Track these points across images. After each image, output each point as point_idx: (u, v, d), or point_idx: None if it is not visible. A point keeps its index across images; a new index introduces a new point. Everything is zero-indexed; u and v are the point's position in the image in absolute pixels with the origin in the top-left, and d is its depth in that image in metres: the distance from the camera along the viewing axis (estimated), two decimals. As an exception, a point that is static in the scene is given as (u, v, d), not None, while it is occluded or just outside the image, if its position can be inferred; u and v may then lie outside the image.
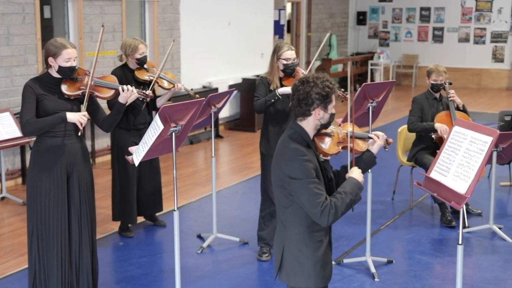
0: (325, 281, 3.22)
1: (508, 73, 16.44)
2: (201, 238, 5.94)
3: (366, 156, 3.39)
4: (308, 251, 3.15)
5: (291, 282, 3.21)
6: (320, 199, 2.99)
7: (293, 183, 3.03)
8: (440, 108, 6.47)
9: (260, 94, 5.25)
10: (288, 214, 3.15)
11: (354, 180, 3.17)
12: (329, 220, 3.02)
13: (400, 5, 17.62)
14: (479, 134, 3.39)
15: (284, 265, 3.20)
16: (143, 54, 5.78)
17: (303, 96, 3.09)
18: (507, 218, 6.51)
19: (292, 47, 5.32)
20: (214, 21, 11.14)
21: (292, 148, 3.06)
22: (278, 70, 5.28)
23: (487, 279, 5.05)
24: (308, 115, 3.12)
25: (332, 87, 3.12)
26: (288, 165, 3.04)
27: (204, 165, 9.01)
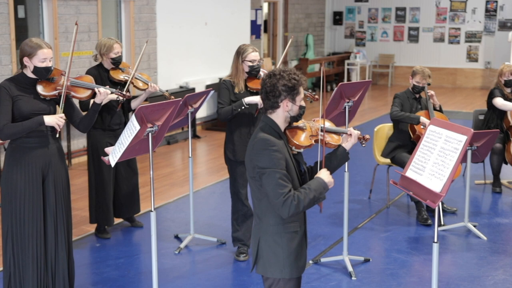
0: (299, 271, 3.29)
1: (482, 73, 16.63)
2: (179, 239, 5.93)
3: (339, 151, 3.46)
4: (282, 242, 3.21)
5: (267, 273, 3.26)
6: (283, 190, 3.06)
7: (261, 173, 3.10)
8: (418, 108, 6.53)
9: (224, 101, 5.19)
10: (262, 206, 3.22)
11: (320, 179, 3.24)
12: (290, 212, 3.08)
13: (376, 5, 17.74)
14: (454, 133, 3.42)
15: (260, 256, 3.27)
16: (118, 54, 5.74)
17: (270, 88, 3.19)
18: (481, 216, 6.59)
19: (256, 48, 5.31)
20: (190, 21, 11.12)
21: (261, 139, 3.15)
22: (243, 72, 5.25)
23: (463, 276, 5.11)
24: (276, 107, 3.21)
25: (298, 79, 3.22)
26: (257, 155, 3.13)
27: (181, 165, 8.98)
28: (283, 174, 3.09)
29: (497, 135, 6.29)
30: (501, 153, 7.30)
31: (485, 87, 16.17)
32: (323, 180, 3.23)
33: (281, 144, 3.17)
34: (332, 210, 6.65)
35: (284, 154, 3.15)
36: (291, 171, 3.19)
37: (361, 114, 12.37)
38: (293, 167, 3.23)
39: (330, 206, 6.74)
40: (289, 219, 3.20)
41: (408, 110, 6.48)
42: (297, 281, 3.32)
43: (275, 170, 3.07)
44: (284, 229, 3.21)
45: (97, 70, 5.73)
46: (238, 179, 5.33)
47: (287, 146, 3.27)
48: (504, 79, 7.27)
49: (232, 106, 5.15)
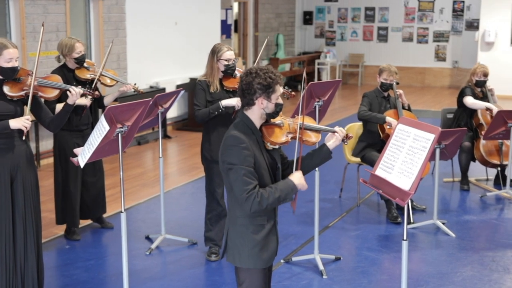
0: (263, 264, 3.36)
1: (450, 72, 16.85)
2: (150, 240, 5.89)
3: (323, 150, 3.51)
4: (247, 233, 3.32)
5: (234, 262, 3.39)
6: (247, 186, 3.15)
7: (228, 168, 3.20)
8: (387, 107, 6.59)
9: (201, 103, 5.18)
10: (232, 198, 3.33)
11: (290, 181, 3.31)
12: (252, 208, 3.17)
13: (345, 5, 17.86)
14: (422, 132, 3.45)
15: (229, 246, 3.39)
16: (81, 53, 5.67)
17: (246, 86, 3.28)
18: (450, 213, 6.67)
19: (230, 47, 5.31)
20: (160, 21, 11.06)
21: (232, 135, 3.24)
22: (218, 71, 5.25)
23: (432, 273, 5.17)
24: (252, 104, 3.30)
25: (274, 78, 3.29)
26: (226, 151, 3.23)
27: (152, 165, 8.94)
28: (249, 171, 3.17)
29: (465, 133, 6.39)
30: (470, 151, 7.41)
31: (453, 86, 16.39)
32: (293, 182, 3.30)
33: (252, 140, 3.25)
34: (303, 209, 6.67)
35: (253, 152, 3.22)
36: (261, 168, 3.26)
37: (332, 114, 12.44)
38: (264, 164, 3.30)
39: (301, 205, 6.77)
40: (256, 213, 3.29)
41: (377, 109, 6.53)
42: (263, 273, 3.39)
43: (241, 167, 3.16)
44: (250, 221, 3.31)
45: (61, 71, 5.65)
46: (215, 178, 5.32)
47: (261, 142, 3.33)
48: (476, 79, 7.37)
49: (209, 109, 5.14)
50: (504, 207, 6.88)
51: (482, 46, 15.20)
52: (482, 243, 5.95)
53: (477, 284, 4.96)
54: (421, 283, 4.98)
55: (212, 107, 5.14)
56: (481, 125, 7.31)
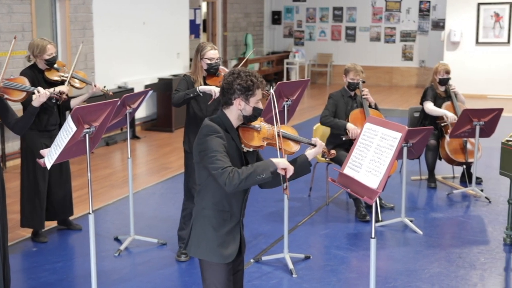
0: (223, 260, 3.36)
1: (417, 71, 17.05)
2: (119, 241, 5.85)
3: (300, 160, 3.46)
4: (209, 226, 3.35)
5: (191, 252, 3.43)
6: (223, 164, 3.16)
7: (203, 154, 3.22)
8: (354, 106, 6.64)
9: (181, 89, 5.23)
10: (201, 189, 3.38)
11: (269, 160, 3.28)
12: (227, 182, 3.13)
13: (313, 5, 17.95)
14: (389, 130, 3.49)
15: (191, 237, 3.42)
16: (52, 55, 5.61)
17: (226, 85, 3.33)
18: (418, 211, 6.75)
19: (215, 46, 5.33)
20: (128, 21, 10.98)
21: (206, 125, 3.29)
22: (202, 69, 5.27)
23: (400, 271, 5.23)
24: (230, 104, 3.34)
25: (255, 81, 3.33)
26: (201, 140, 3.27)
27: (120, 166, 8.87)
28: (223, 154, 3.20)
29: (431, 132, 6.47)
30: (436, 150, 7.51)
31: (420, 85, 16.57)
32: (272, 162, 3.25)
33: (227, 137, 3.29)
34: (273, 209, 6.69)
35: (227, 143, 3.26)
36: (236, 165, 3.28)
37: (301, 113, 12.49)
38: (239, 164, 3.32)
39: (271, 204, 6.79)
40: (220, 208, 3.33)
41: (343, 108, 6.58)
42: (225, 268, 3.38)
43: (216, 150, 3.19)
44: (214, 214, 3.35)
45: (32, 71, 5.59)
46: (192, 174, 5.30)
47: (237, 141, 3.36)
48: (439, 77, 7.48)
49: (185, 92, 5.18)
50: (470, 204, 6.99)
51: (448, 45, 15.41)
52: (449, 240, 6.03)
53: (444, 281, 5.03)
54: (389, 280, 5.03)
55: (189, 90, 5.17)
56: (446, 124, 7.41)
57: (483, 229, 6.23)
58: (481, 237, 5.99)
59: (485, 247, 5.72)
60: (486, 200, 7.01)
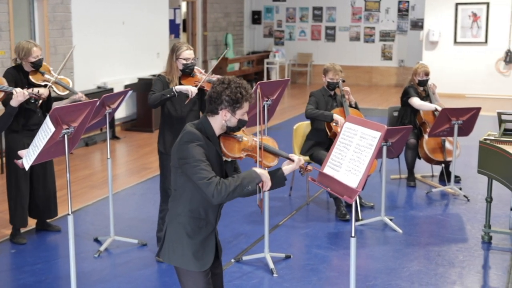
0: (198, 267, 3.32)
1: (396, 71, 17.16)
2: (98, 242, 5.81)
3: (277, 174, 3.43)
4: (184, 234, 3.29)
5: (165, 259, 3.36)
6: (208, 175, 3.12)
7: (184, 162, 3.16)
8: (334, 105, 6.66)
9: (157, 89, 5.21)
10: (176, 194, 3.31)
11: (253, 171, 3.26)
12: (215, 195, 3.10)
13: (293, 5, 17.99)
14: (369, 130, 3.50)
15: (165, 243, 3.35)
16: (38, 57, 5.60)
17: (215, 94, 3.26)
18: (397, 209, 6.80)
19: (190, 46, 5.32)
20: (107, 20, 10.92)
21: (188, 132, 3.22)
22: (177, 69, 5.26)
23: (380, 269, 5.26)
24: (215, 113, 3.28)
25: (244, 94, 3.26)
26: (182, 147, 3.19)
27: (100, 167, 8.82)
28: (207, 163, 3.15)
29: (411, 131, 6.51)
30: (415, 148, 7.56)
31: (399, 84, 16.68)
32: (256, 172, 3.25)
33: (208, 145, 3.23)
34: (253, 208, 6.69)
35: (208, 153, 3.20)
36: (216, 173, 3.22)
37: (281, 113, 12.51)
38: (218, 172, 3.27)
39: (251, 204, 6.79)
40: (196, 215, 3.27)
41: (324, 107, 6.60)
42: (199, 275, 3.34)
43: (198, 159, 3.13)
44: (189, 221, 3.28)
45: (16, 72, 5.59)
46: (169, 176, 5.28)
47: (219, 150, 3.31)
48: (418, 79, 7.53)
49: (161, 92, 5.16)
50: (448, 203, 7.05)
51: (426, 45, 15.53)
52: (428, 238, 6.08)
53: (423, 279, 5.06)
54: (369, 279, 5.06)
55: (165, 90, 5.16)
56: (425, 124, 7.47)
57: (461, 227, 6.28)
58: (459, 235, 6.05)
59: (463, 245, 5.77)
60: (465, 199, 7.07)
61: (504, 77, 15.02)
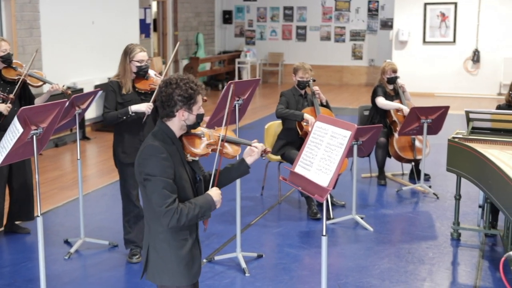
0: (191, 280, 3.24)
1: (366, 70, 17.29)
2: (69, 244, 5.76)
3: (241, 165, 3.43)
4: (171, 250, 3.16)
5: (156, 281, 3.22)
6: (166, 200, 3.01)
7: (147, 179, 3.05)
8: (305, 104, 6.69)
9: (110, 105, 5.11)
10: (151, 212, 3.14)
11: (209, 197, 3.20)
12: (170, 224, 3.03)
13: (264, 4, 18.01)
14: (339, 129, 3.52)
15: (149, 264, 3.22)
16: (6, 51, 5.55)
17: (166, 98, 3.11)
18: (368, 208, 6.85)
19: (143, 48, 5.24)
20: (76, 20, 10.81)
21: (150, 145, 3.09)
22: (131, 72, 5.16)
23: (351, 267, 5.29)
24: (172, 116, 3.15)
25: (195, 88, 3.15)
26: (144, 161, 3.07)
27: (70, 168, 8.73)
28: (168, 183, 3.03)
29: (381, 130, 6.57)
30: (385, 147, 7.62)
31: (369, 83, 16.80)
32: (212, 198, 3.20)
33: (172, 151, 3.13)
34: (225, 208, 6.68)
35: (173, 163, 3.09)
36: (183, 180, 3.15)
37: (253, 112, 12.52)
38: (186, 176, 3.19)
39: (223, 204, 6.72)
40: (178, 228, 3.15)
41: (294, 107, 6.63)
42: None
43: (161, 179, 3.02)
44: (173, 236, 3.16)
45: None
46: (129, 180, 5.25)
47: (182, 153, 3.22)
48: (386, 77, 7.60)
49: (117, 113, 5.07)
50: (418, 201, 7.13)
51: (396, 44, 15.68)
52: (399, 236, 6.14)
53: (394, 276, 5.11)
54: (341, 277, 5.09)
55: (120, 111, 5.06)
56: (394, 122, 7.54)
57: (431, 225, 6.36)
58: (429, 233, 6.12)
59: (433, 242, 5.84)
60: (434, 196, 7.16)
61: (472, 76, 15.23)
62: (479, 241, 5.88)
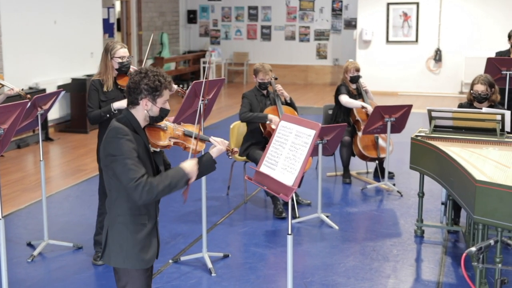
0: (144, 264, 3.30)
1: (331, 69, 17.41)
2: (32, 246, 5.68)
3: (205, 158, 3.43)
4: (128, 233, 3.24)
5: (110, 262, 3.30)
6: (135, 175, 3.07)
7: (113, 160, 3.11)
8: (267, 103, 6.72)
9: (93, 104, 5.09)
10: (112, 196, 3.24)
11: (180, 168, 3.26)
12: (142, 197, 3.09)
13: (229, 4, 18.00)
14: (303, 128, 3.55)
15: (107, 246, 3.29)
16: None
17: (133, 85, 3.22)
18: (333, 206, 6.90)
19: (124, 45, 5.24)
20: (38, 19, 10.65)
21: (114, 127, 3.17)
22: (113, 69, 5.16)
23: (317, 265, 5.33)
24: (136, 104, 3.24)
25: (163, 82, 3.23)
26: (109, 143, 3.14)
27: (33, 169, 8.61)
28: (135, 160, 3.11)
29: (345, 129, 6.62)
30: (350, 146, 7.69)
31: (334, 83, 16.92)
32: (183, 170, 3.24)
33: (136, 138, 3.19)
34: (191, 208, 6.67)
35: (137, 146, 3.16)
36: (147, 168, 3.21)
37: (218, 112, 12.50)
38: (149, 165, 3.24)
39: (189, 204, 6.76)
40: (136, 212, 3.23)
41: (257, 107, 6.66)
42: (144, 274, 3.33)
43: (127, 157, 3.09)
44: (131, 220, 3.24)
45: None
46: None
47: (146, 141, 3.27)
48: (349, 76, 7.67)
49: (101, 111, 5.05)
50: (383, 199, 7.21)
51: (360, 44, 15.82)
52: (364, 233, 6.20)
53: (359, 274, 5.16)
54: (307, 275, 5.12)
55: (103, 109, 5.05)
56: (358, 121, 7.62)
57: (395, 222, 6.43)
58: (393, 230, 6.19)
59: (397, 240, 5.92)
60: (398, 194, 7.25)
61: (434, 75, 15.46)
62: (442, 238, 5.97)
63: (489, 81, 5.97)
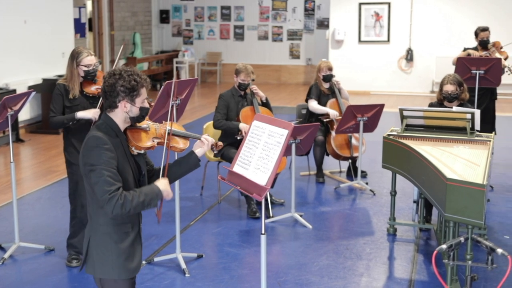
0: (130, 274, 3.24)
1: (304, 69, 17.47)
2: (2, 249, 5.60)
3: (190, 158, 3.44)
4: (111, 243, 3.16)
5: (95, 273, 3.21)
6: (110, 188, 3.00)
7: (90, 169, 3.03)
8: (244, 104, 6.72)
9: (56, 109, 5.00)
10: (94, 205, 3.15)
11: (155, 186, 3.21)
12: (114, 211, 3.01)
13: (201, 4, 17.96)
14: (276, 128, 3.56)
15: (90, 256, 3.20)
16: None
17: (108, 88, 3.13)
18: (307, 205, 6.93)
19: (91, 51, 5.12)
20: (7, 19, 10.51)
21: (93, 136, 3.08)
22: (78, 76, 5.05)
23: (291, 265, 5.34)
24: (114, 107, 3.16)
25: (139, 81, 3.16)
26: (88, 152, 3.06)
27: (3, 171, 8.49)
28: (113, 173, 3.03)
29: (318, 128, 6.65)
30: (323, 145, 7.73)
31: (307, 82, 16.99)
32: (158, 188, 3.20)
33: (116, 143, 3.12)
34: (164, 209, 6.60)
35: (116, 154, 3.09)
36: (126, 172, 3.15)
37: (192, 112, 12.46)
38: (129, 169, 3.19)
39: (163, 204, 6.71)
40: (120, 220, 3.16)
41: (235, 108, 6.66)
42: (129, 283, 3.28)
43: (104, 168, 3.01)
44: (114, 229, 3.16)
45: None
46: (80, 181, 5.12)
47: (126, 146, 3.21)
48: (322, 75, 7.71)
49: (64, 118, 4.97)
50: (356, 197, 7.25)
51: (332, 44, 15.90)
52: (337, 232, 6.23)
53: (332, 272, 5.19)
54: (280, 275, 5.13)
55: (67, 117, 4.97)
56: (331, 121, 7.66)
57: (368, 221, 6.48)
58: (366, 229, 6.24)
59: (370, 238, 5.96)
60: (371, 193, 7.30)
61: (406, 74, 15.60)
62: (414, 236, 6.03)
63: (458, 80, 6.05)
